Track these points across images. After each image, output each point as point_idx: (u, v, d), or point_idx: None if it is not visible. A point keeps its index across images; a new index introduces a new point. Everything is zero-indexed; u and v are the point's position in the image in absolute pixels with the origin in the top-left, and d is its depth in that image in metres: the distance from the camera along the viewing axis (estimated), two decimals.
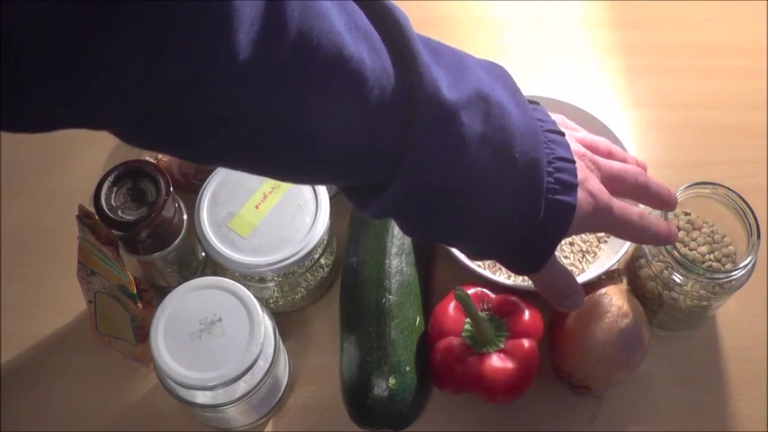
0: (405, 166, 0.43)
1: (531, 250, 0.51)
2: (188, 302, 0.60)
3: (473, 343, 0.63)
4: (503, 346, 0.63)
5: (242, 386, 0.60)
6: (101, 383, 0.69)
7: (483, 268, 0.69)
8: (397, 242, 0.68)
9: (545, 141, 0.49)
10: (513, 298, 0.65)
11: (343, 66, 0.39)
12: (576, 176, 0.49)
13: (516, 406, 0.66)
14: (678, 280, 0.64)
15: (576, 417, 0.68)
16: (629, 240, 0.65)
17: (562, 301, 0.56)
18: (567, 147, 0.50)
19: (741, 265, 0.62)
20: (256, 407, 0.64)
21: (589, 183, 0.51)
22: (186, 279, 0.64)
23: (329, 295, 0.72)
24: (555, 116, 0.55)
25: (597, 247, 0.71)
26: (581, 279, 0.67)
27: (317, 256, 0.67)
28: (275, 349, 0.61)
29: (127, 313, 0.66)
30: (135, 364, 0.69)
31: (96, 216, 0.62)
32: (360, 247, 0.68)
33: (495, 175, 0.46)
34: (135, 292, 0.64)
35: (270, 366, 0.61)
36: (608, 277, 0.68)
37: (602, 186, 0.53)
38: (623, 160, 0.58)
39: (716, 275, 0.63)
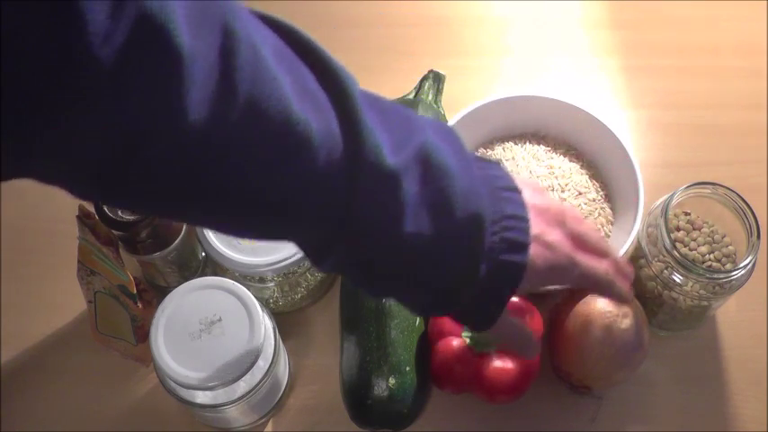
0: (348, 228, 0.44)
1: (479, 309, 0.50)
2: (188, 302, 0.60)
3: (473, 343, 0.63)
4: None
5: (242, 386, 0.60)
6: (101, 383, 0.69)
7: None
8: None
9: (496, 199, 0.48)
10: (514, 298, 0.65)
11: (291, 130, 0.40)
12: (526, 234, 0.49)
13: (516, 406, 0.66)
14: (678, 280, 0.64)
15: (575, 417, 0.68)
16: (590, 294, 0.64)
17: (519, 354, 0.57)
18: (521, 204, 0.50)
19: (741, 265, 0.62)
20: (256, 407, 0.64)
21: (548, 236, 0.51)
22: (186, 279, 0.64)
23: (329, 295, 0.72)
24: (529, 181, 0.55)
25: None
26: None
27: None
28: (275, 349, 0.61)
29: (127, 313, 0.66)
30: (135, 364, 0.69)
31: (96, 216, 0.62)
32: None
33: (436, 237, 0.46)
34: (135, 292, 0.64)
35: (270, 366, 0.61)
36: None
37: (566, 240, 0.52)
38: (588, 228, 0.57)
39: (716, 275, 0.63)
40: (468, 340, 0.64)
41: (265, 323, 0.60)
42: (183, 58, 0.35)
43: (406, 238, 0.45)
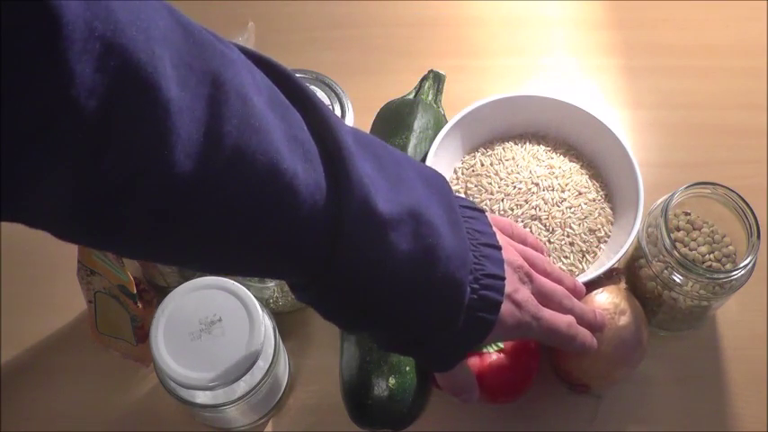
0: (331, 272, 0.45)
1: (443, 355, 0.53)
2: (188, 302, 0.60)
3: None
4: (503, 347, 0.63)
5: (242, 386, 0.60)
6: (101, 383, 0.69)
7: None
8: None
9: (477, 257, 0.50)
10: None
11: (277, 180, 0.40)
12: (502, 294, 0.51)
13: (516, 406, 0.66)
14: (678, 280, 0.64)
15: (576, 417, 0.68)
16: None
17: (458, 396, 0.58)
18: (500, 262, 0.51)
19: (741, 265, 0.62)
20: (256, 407, 0.64)
21: (518, 294, 0.53)
22: (186, 279, 0.64)
23: None
24: (502, 222, 0.57)
25: (597, 247, 0.71)
26: (581, 279, 0.67)
27: None
28: (275, 349, 0.61)
29: (127, 313, 0.66)
30: (135, 364, 0.69)
31: None
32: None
33: (415, 291, 0.47)
34: (135, 292, 0.64)
35: (270, 366, 0.61)
36: (607, 277, 0.68)
37: (533, 298, 0.54)
38: (558, 280, 0.59)
39: (716, 275, 0.63)
40: None
41: (265, 323, 0.60)
42: (169, 113, 0.35)
43: (384, 288, 0.46)
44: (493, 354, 0.63)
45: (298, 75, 0.75)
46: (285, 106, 0.42)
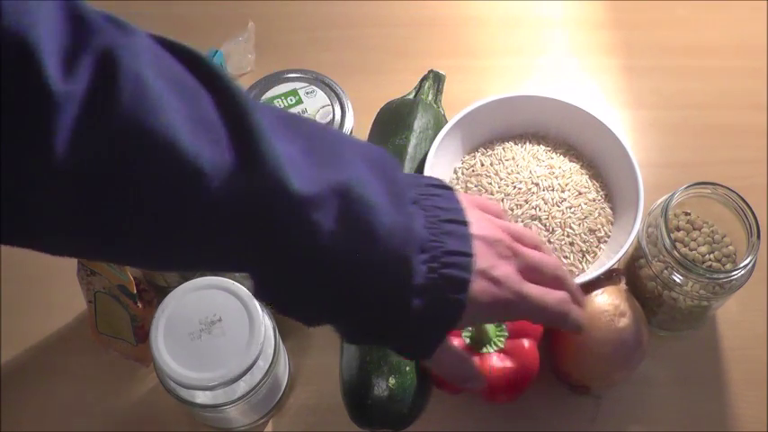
0: (260, 259, 0.44)
1: (414, 342, 0.49)
2: (188, 302, 0.60)
3: (473, 343, 0.63)
4: (502, 346, 0.63)
5: (242, 386, 0.60)
6: (101, 383, 0.69)
7: None
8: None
9: (437, 234, 0.47)
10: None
11: (178, 160, 0.39)
12: (468, 271, 0.48)
13: (516, 406, 0.66)
14: (678, 280, 0.64)
15: (576, 417, 0.68)
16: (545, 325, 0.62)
17: (461, 385, 0.56)
18: (465, 237, 0.48)
19: (741, 265, 0.62)
20: (256, 407, 0.64)
21: (495, 270, 0.49)
22: (186, 279, 0.64)
23: None
24: (484, 201, 0.54)
25: (597, 247, 0.71)
26: (581, 279, 0.67)
27: None
28: (275, 349, 0.61)
29: (127, 313, 0.66)
30: (135, 364, 0.69)
31: None
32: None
33: (356, 273, 0.45)
34: (135, 292, 0.64)
35: (270, 366, 0.61)
36: (607, 277, 0.68)
37: (515, 274, 0.51)
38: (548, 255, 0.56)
39: (716, 275, 0.63)
40: (467, 340, 0.64)
41: (265, 323, 0.60)
42: (52, 104, 0.35)
43: (322, 272, 0.45)
44: (493, 354, 0.63)
45: (298, 75, 0.76)
46: (194, 89, 0.41)
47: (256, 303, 0.60)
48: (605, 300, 0.65)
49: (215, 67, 0.43)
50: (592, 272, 0.68)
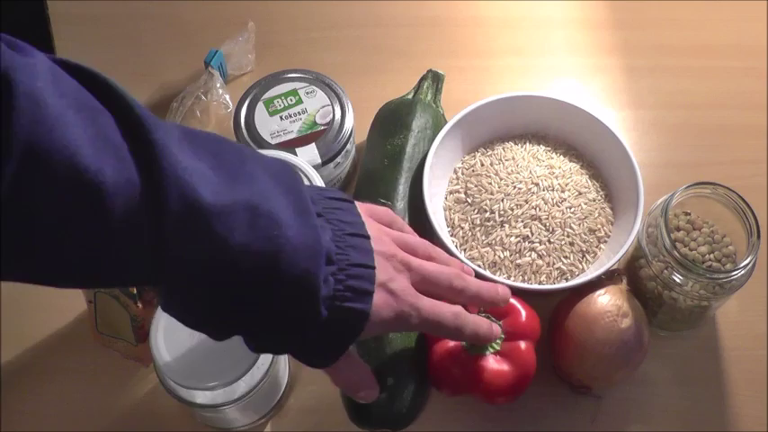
0: (168, 272, 0.44)
1: (318, 352, 0.51)
2: None
3: (470, 345, 0.63)
4: (500, 349, 0.63)
5: (242, 386, 0.60)
6: (101, 383, 0.69)
7: (482, 268, 0.69)
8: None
9: (342, 247, 0.49)
10: (510, 299, 0.65)
11: (79, 178, 0.39)
12: (371, 282, 0.49)
13: (516, 406, 0.66)
14: (678, 280, 0.64)
15: (576, 417, 0.68)
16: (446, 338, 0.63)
17: (354, 394, 0.56)
18: (368, 251, 0.50)
19: (741, 265, 0.62)
20: (256, 407, 0.64)
21: (393, 283, 0.51)
22: None
23: None
24: (379, 211, 0.55)
25: (597, 247, 0.71)
26: (581, 279, 0.67)
27: None
28: None
29: (127, 313, 0.66)
30: (135, 364, 0.69)
31: None
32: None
33: (262, 284, 0.46)
34: (135, 292, 0.64)
35: (270, 366, 0.61)
36: (608, 277, 0.68)
37: (410, 288, 0.52)
38: (445, 263, 0.57)
39: (716, 275, 0.63)
40: (464, 343, 0.63)
41: None
42: None
43: (228, 286, 0.45)
44: (489, 356, 0.63)
45: (298, 75, 0.76)
46: (94, 108, 0.42)
47: None
48: (608, 300, 0.65)
49: (115, 86, 0.43)
50: (592, 272, 0.68)
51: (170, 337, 0.59)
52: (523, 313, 0.64)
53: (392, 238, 0.54)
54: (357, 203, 0.53)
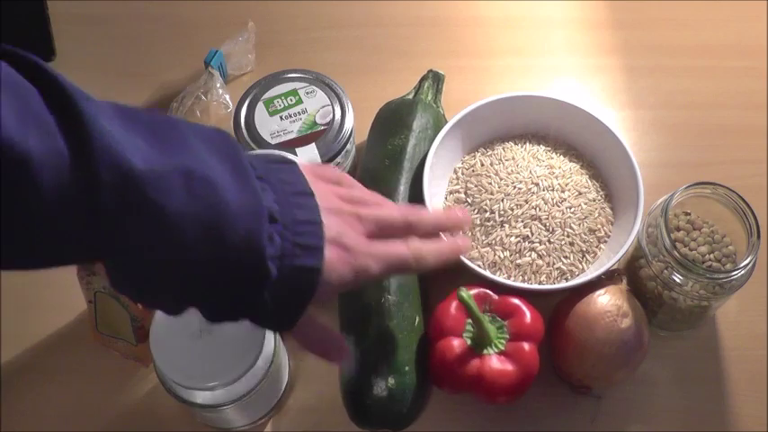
0: (109, 246, 0.44)
1: (277, 313, 0.50)
2: None
3: (474, 344, 0.63)
4: (503, 348, 0.63)
5: (242, 386, 0.60)
6: (101, 383, 0.69)
7: (483, 268, 0.69)
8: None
9: (286, 206, 0.48)
10: (515, 300, 0.65)
11: (4, 151, 0.39)
12: (320, 238, 0.49)
13: (516, 406, 0.66)
14: (678, 280, 0.64)
15: (576, 417, 0.68)
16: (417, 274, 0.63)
17: (323, 356, 0.56)
18: (314, 208, 0.50)
19: (741, 265, 0.62)
20: (256, 407, 0.64)
21: (345, 238, 0.51)
22: None
23: None
24: (323, 170, 0.55)
25: (597, 247, 0.71)
26: (581, 279, 0.67)
27: None
28: (275, 349, 0.61)
29: (127, 313, 0.66)
30: (135, 364, 0.69)
31: None
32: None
33: (206, 251, 0.45)
34: None
35: (270, 366, 0.61)
36: (608, 277, 0.68)
37: (363, 239, 0.52)
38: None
39: (716, 275, 0.63)
40: (467, 341, 0.64)
41: None
42: None
43: (173, 248, 0.45)
44: (493, 355, 0.63)
45: (298, 75, 0.76)
46: (19, 84, 0.41)
47: None
48: (608, 300, 0.65)
49: (39, 62, 0.43)
50: (592, 272, 0.68)
51: (170, 337, 0.59)
52: (528, 315, 0.64)
53: (338, 195, 0.54)
54: (301, 164, 0.53)
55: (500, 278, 0.68)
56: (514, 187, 0.71)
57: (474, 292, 0.65)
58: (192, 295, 0.48)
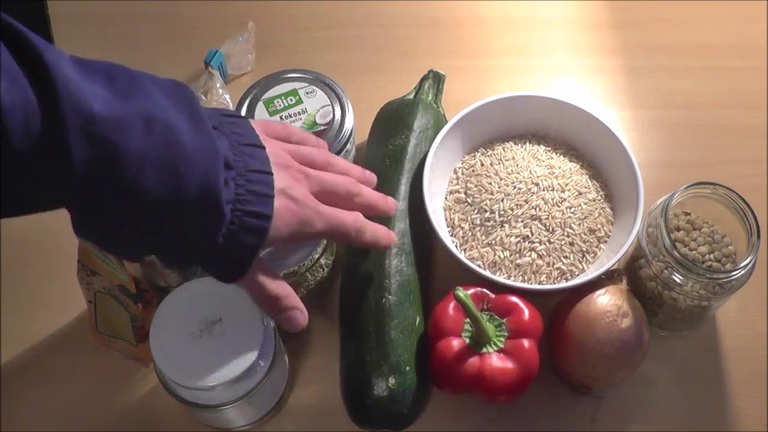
0: (71, 191, 0.45)
1: (226, 259, 0.52)
2: (188, 302, 0.60)
3: (473, 343, 0.63)
4: (502, 347, 0.63)
5: (242, 386, 0.60)
6: (101, 383, 0.69)
7: (482, 268, 0.69)
8: (397, 242, 0.68)
9: (238, 155, 0.51)
10: (513, 298, 0.65)
11: None
12: (271, 187, 0.51)
13: (516, 406, 0.66)
14: (678, 280, 0.64)
15: (576, 417, 0.68)
16: (348, 244, 0.65)
17: (276, 316, 0.56)
18: (265, 159, 0.52)
19: (741, 265, 0.62)
20: (256, 407, 0.64)
21: (293, 190, 0.54)
22: (186, 279, 0.64)
23: (329, 295, 0.72)
24: (274, 126, 0.58)
25: (597, 247, 0.71)
26: (581, 279, 0.67)
27: (316, 257, 0.67)
28: (275, 349, 0.61)
29: (127, 313, 0.66)
30: (135, 364, 0.69)
31: None
32: (359, 247, 0.68)
33: (165, 191, 0.47)
34: (135, 291, 0.64)
35: (270, 366, 0.61)
36: (608, 277, 0.68)
37: (309, 195, 0.55)
38: (345, 171, 0.60)
39: (716, 275, 0.63)
40: (467, 340, 0.64)
41: (265, 323, 0.60)
42: None
43: (133, 190, 0.46)
44: (493, 353, 0.63)
45: (298, 75, 0.75)
46: None
47: None
48: (608, 300, 0.65)
49: (4, 18, 0.44)
50: (592, 272, 0.68)
51: (170, 337, 0.59)
52: (526, 312, 0.64)
53: (288, 151, 0.56)
54: (255, 122, 0.55)
55: (500, 278, 0.68)
56: (514, 187, 0.71)
57: (471, 291, 0.65)
58: (151, 239, 0.50)
